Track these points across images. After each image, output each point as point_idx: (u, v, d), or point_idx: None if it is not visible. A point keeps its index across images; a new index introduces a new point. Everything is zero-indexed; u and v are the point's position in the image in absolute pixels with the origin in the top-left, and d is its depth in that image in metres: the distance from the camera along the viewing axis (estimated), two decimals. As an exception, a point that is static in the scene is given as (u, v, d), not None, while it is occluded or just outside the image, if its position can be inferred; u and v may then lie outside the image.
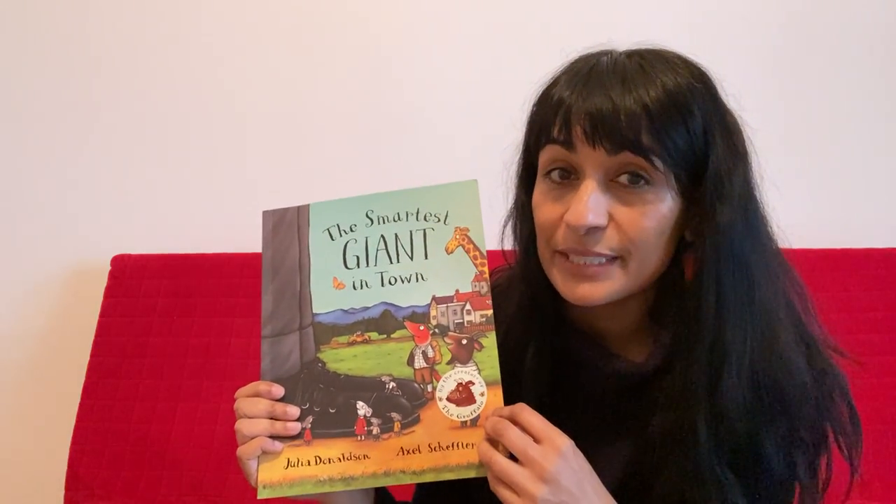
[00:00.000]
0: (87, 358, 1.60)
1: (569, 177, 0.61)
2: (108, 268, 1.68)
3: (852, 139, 1.75)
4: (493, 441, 0.59)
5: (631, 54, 0.62)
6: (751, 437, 0.62)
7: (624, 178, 0.59)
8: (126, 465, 1.52)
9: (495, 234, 0.73)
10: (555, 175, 0.62)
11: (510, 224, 0.71)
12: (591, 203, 0.58)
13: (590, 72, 0.60)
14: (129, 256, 1.69)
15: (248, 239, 1.75)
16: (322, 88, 1.79)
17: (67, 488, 1.52)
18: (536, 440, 0.57)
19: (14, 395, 1.78)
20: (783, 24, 1.73)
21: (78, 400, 1.58)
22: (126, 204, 1.80)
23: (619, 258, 0.61)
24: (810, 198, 1.71)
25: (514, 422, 0.59)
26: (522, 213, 0.68)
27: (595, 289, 0.61)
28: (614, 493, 0.62)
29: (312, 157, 1.79)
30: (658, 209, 0.59)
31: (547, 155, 0.62)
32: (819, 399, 0.64)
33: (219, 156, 1.80)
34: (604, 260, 0.60)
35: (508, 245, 0.73)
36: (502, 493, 0.57)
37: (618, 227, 0.59)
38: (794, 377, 0.62)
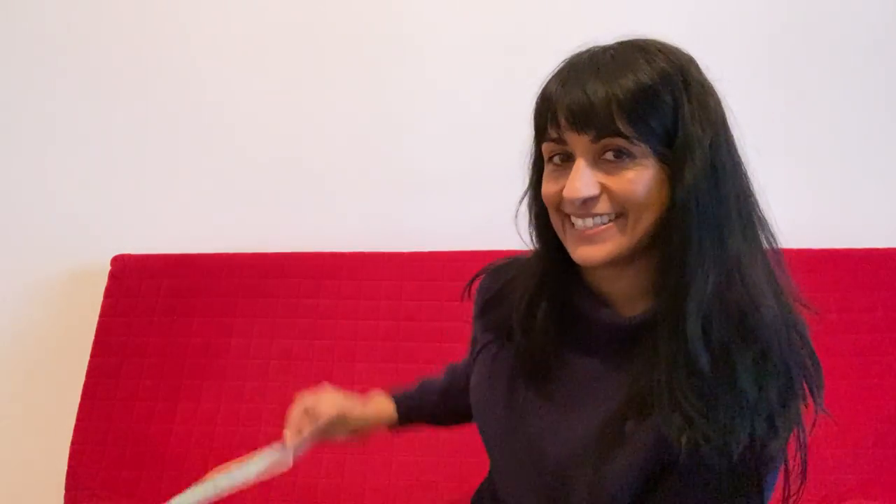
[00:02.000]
0: (87, 358, 1.61)
1: (569, 159, 0.70)
2: (108, 268, 1.68)
3: (853, 139, 1.75)
4: None
5: (607, 48, 0.70)
6: (725, 369, 0.67)
7: (609, 156, 0.67)
8: (126, 465, 1.52)
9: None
10: (556, 160, 0.71)
11: (526, 202, 0.79)
12: (582, 178, 0.67)
13: (570, 69, 0.70)
14: (129, 256, 1.69)
15: (248, 239, 1.75)
16: (322, 89, 1.79)
17: (67, 488, 1.52)
18: None
19: (14, 395, 1.78)
20: (785, 24, 1.73)
21: (78, 400, 1.58)
22: (126, 204, 1.80)
23: (616, 219, 0.69)
24: (810, 198, 1.71)
25: None
26: (534, 192, 0.77)
27: (595, 250, 0.69)
28: (602, 431, 0.71)
29: (312, 157, 1.79)
30: (642, 174, 0.67)
31: (546, 147, 0.72)
32: (785, 331, 0.69)
33: (219, 156, 1.80)
34: (604, 220, 0.69)
35: (509, 245, 0.80)
36: None
37: (610, 193, 0.68)
38: (765, 303, 0.68)
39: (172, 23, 1.79)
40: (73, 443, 1.55)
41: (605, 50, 0.69)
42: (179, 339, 1.61)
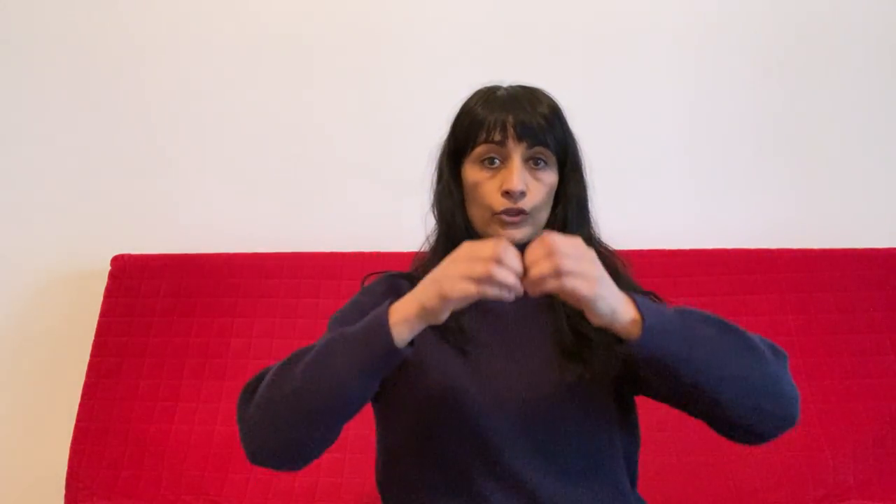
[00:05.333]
0: (87, 358, 1.61)
1: (502, 162, 0.93)
2: (108, 268, 1.68)
3: (853, 139, 1.75)
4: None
5: (513, 87, 0.97)
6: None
7: (532, 163, 0.93)
8: (126, 465, 1.52)
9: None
10: (493, 161, 0.93)
11: (434, 204, 1.01)
12: (520, 174, 0.91)
13: (493, 99, 0.95)
14: (129, 256, 1.69)
15: (248, 239, 1.75)
16: (322, 89, 1.79)
17: (67, 488, 1.52)
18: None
19: (14, 395, 1.78)
20: (786, 24, 1.73)
21: (78, 400, 1.58)
22: (126, 204, 1.80)
23: (529, 214, 0.93)
24: (811, 198, 1.71)
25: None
26: (449, 192, 0.98)
27: (518, 233, 0.94)
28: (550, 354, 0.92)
29: (312, 157, 1.79)
30: (551, 182, 0.95)
31: (482, 149, 0.94)
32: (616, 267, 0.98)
33: (219, 156, 1.80)
34: (523, 215, 0.93)
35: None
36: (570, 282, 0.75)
37: (531, 193, 0.93)
38: (606, 249, 1.00)
39: (171, 22, 1.80)
40: (73, 443, 1.54)
41: (513, 88, 0.97)
42: (179, 339, 1.61)
